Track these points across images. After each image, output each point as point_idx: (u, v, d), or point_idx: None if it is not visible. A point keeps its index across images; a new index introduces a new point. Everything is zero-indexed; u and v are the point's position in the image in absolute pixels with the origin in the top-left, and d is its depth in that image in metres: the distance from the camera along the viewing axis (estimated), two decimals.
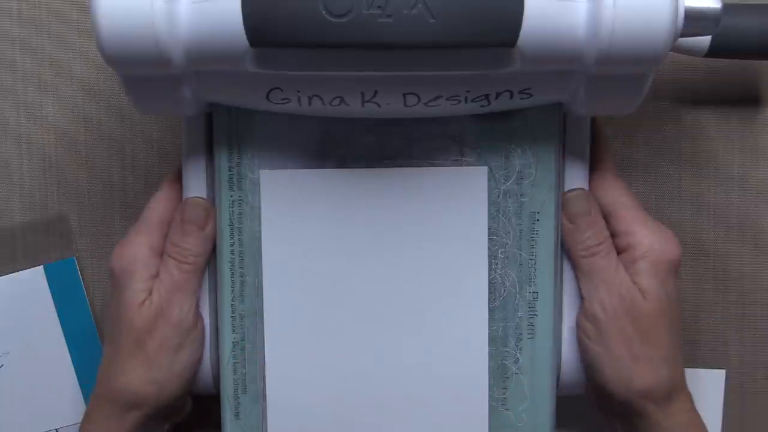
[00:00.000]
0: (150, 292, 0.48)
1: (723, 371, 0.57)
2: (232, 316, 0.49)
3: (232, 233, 0.48)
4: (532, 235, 0.48)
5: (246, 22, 0.40)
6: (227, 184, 0.48)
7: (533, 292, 0.48)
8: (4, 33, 0.56)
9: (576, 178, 0.49)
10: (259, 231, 0.48)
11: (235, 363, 0.49)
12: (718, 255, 0.56)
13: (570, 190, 0.49)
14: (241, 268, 0.48)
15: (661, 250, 0.47)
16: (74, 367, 0.57)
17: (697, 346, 0.57)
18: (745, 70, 0.55)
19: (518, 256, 0.48)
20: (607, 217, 0.49)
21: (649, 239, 0.48)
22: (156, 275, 0.48)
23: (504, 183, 0.47)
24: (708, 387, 0.56)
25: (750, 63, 0.54)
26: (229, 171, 0.48)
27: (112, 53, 0.41)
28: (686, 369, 0.48)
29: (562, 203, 0.48)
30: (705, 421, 0.48)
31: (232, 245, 0.48)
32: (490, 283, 0.48)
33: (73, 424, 0.57)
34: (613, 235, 0.49)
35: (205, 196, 0.49)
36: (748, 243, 0.56)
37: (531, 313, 0.48)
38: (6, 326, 0.57)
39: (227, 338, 0.49)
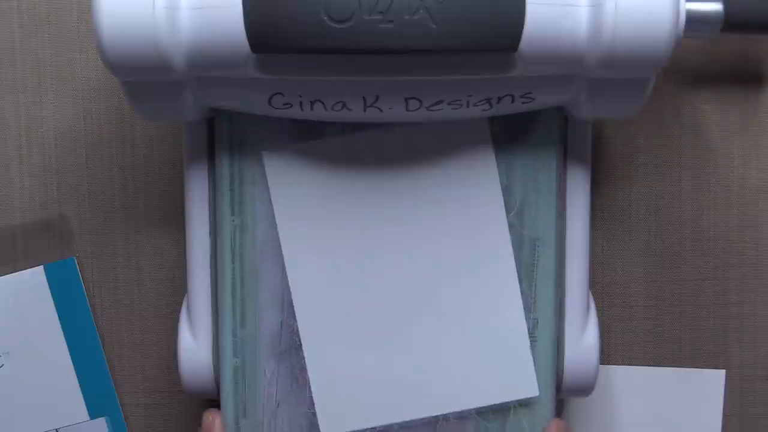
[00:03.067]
0: None
1: (723, 371, 0.57)
2: (233, 341, 0.48)
3: (233, 238, 0.48)
4: (534, 247, 0.48)
5: (248, 28, 0.40)
6: (228, 190, 0.48)
7: (533, 319, 0.48)
8: (4, 33, 0.56)
9: (577, 181, 0.48)
10: (262, 238, 0.48)
11: (236, 386, 0.48)
12: (718, 255, 0.57)
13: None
14: (242, 288, 0.48)
15: None
16: (74, 367, 0.57)
17: (697, 346, 0.57)
18: (747, 71, 0.55)
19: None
20: None
21: None
22: None
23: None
24: (708, 387, 0.56)
25: (752, 64, 0.54)
26: (231, 177, 0.47)
27: (113, 59, 0.41)
28: (686, 369, 0.48)
29: None
30: (705, 421, 0.48)
31: (233, 253, 0.48)
32: None
33: (73, 424, 0.57)
34: None
35: (206, 201, 0.49)
36: (748, 243, 0.56)
37: (531, 339, 0.48)
38: (6, 326, 0.57)
39: (228, 363, 0.48)
